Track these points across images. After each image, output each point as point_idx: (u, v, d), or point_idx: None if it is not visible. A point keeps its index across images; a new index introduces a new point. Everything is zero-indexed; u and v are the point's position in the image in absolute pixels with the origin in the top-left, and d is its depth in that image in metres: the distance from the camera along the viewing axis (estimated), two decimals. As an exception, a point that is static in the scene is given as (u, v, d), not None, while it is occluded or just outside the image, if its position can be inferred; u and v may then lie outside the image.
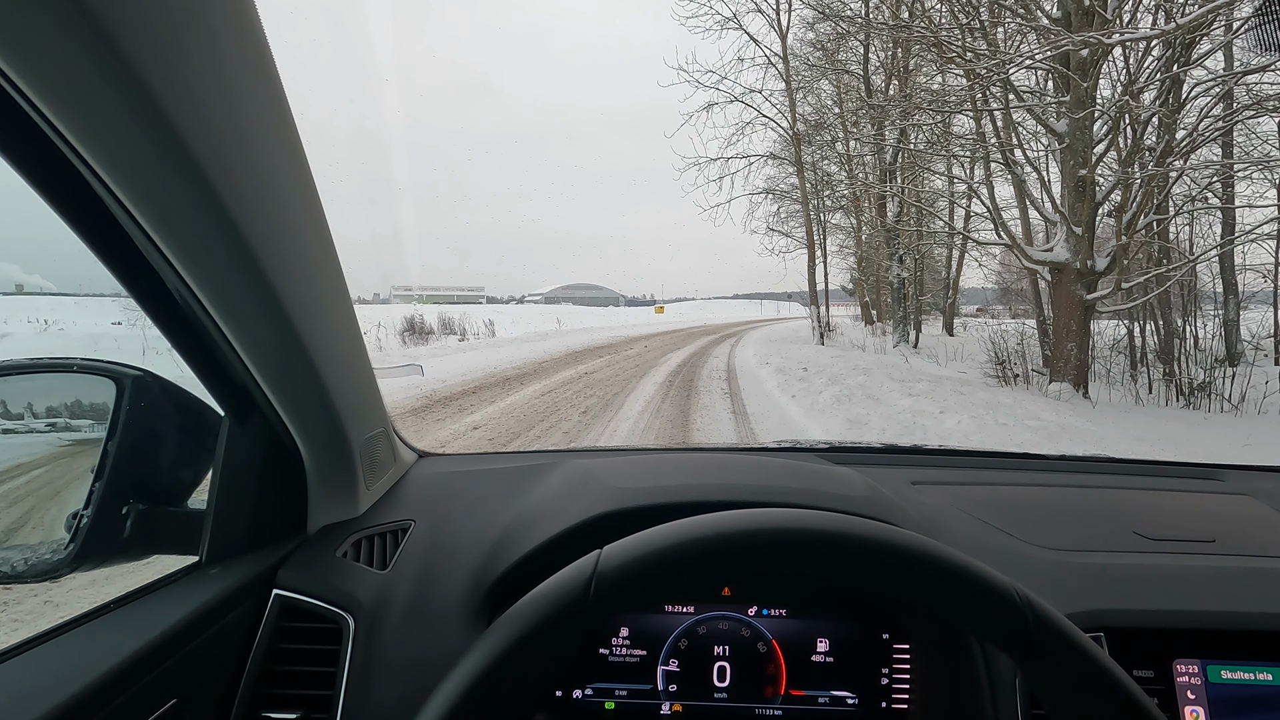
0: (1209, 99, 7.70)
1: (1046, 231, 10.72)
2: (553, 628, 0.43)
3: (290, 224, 0.65)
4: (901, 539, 0.47)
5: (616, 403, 7.70)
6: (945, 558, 0.46)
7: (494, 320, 22.70)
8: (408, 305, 29.10)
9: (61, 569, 0.67)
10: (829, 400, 7.38)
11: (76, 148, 0.48)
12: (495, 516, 0.92)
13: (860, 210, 19.79)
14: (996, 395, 7.49)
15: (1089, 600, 0.77)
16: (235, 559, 0.76)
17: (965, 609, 0.46)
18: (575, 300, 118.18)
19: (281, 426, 0.78)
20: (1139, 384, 8.90)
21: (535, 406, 7.40)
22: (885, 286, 20.14)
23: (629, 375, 10.52)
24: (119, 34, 0.43)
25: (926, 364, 11.67)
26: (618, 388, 8.99)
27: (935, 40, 8.46)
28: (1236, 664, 0.74)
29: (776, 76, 18.37)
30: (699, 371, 11.15)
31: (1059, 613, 0.46)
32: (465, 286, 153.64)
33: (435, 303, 55.75)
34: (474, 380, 9.66)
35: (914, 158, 12.67)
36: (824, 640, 0.84)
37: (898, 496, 0.96)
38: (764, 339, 19.74)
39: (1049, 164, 9.87)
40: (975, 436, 5.70)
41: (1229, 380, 7.86)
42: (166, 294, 0.62)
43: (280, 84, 0.60)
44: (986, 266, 20.65)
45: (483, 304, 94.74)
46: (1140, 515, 0.98)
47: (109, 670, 0.55)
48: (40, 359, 0.73)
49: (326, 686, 0.71)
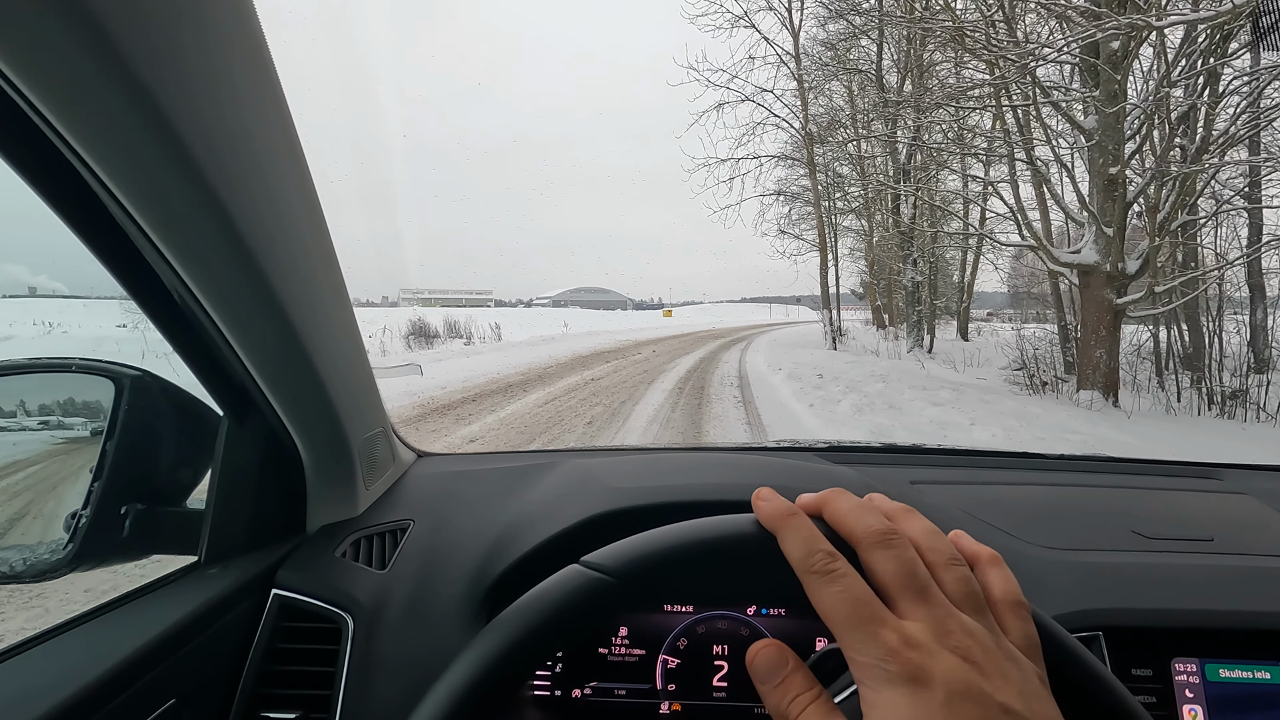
0: (1239, 96, 7.31)
1: (1069, 232, 10.30)
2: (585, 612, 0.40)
3: (289, 224, 0.64)
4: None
5: (624, 412, 7.35)
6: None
7: (501, 324, 22.42)
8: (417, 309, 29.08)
9: (60, 569, 0.67)
10: (848, 410, 7.04)
11: (75, 148, 0.47)
12: (494, 516, 0.92)
13: (873, 212, 19.37)
14: (1025, 405, 7.13)
15: (1087, 599, 0.77)
16: (234, 559, 0.76)
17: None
18: (583, 304, 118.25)
19: (280, 426, 0.78)
20: (1167, 391, 8.48)
21: (538, 417, 7.06)
22: (898, 290, 19.69)
23: (636, 382, 10.16)
24: (118, 34, 0.42)
25: (944, 370, 11.29)
26: (625, 395, 8.62)
27: (956, 32, 8.09)
28: (1234, 663, 0.74)
29: (788, 75, 18.04)
30: (709, 378, 10.74)
31: None
32: (474, 290, 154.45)
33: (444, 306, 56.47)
34: (475, 387, 9.33)
35: (931, 155, 12.24)
36: (822, 639, 0.83)
37: (896, 496, 0.95)
38: (774, 343, 19.40)
39: (1073, 162, 9.48)
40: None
41: (1263, 389, 7.44)
42: (165, 294, 0.62)
43: (279, 84, 0.59)
44: (1002, 270, 20.26)
45: (490, 307, 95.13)
46: (1139, 514, 0.97)
47: (108, 670, 0.55)
48: (39, 359, 0.72)
49: (325, 686, 0.71)
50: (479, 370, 11.27)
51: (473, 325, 21.04)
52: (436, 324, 19.87)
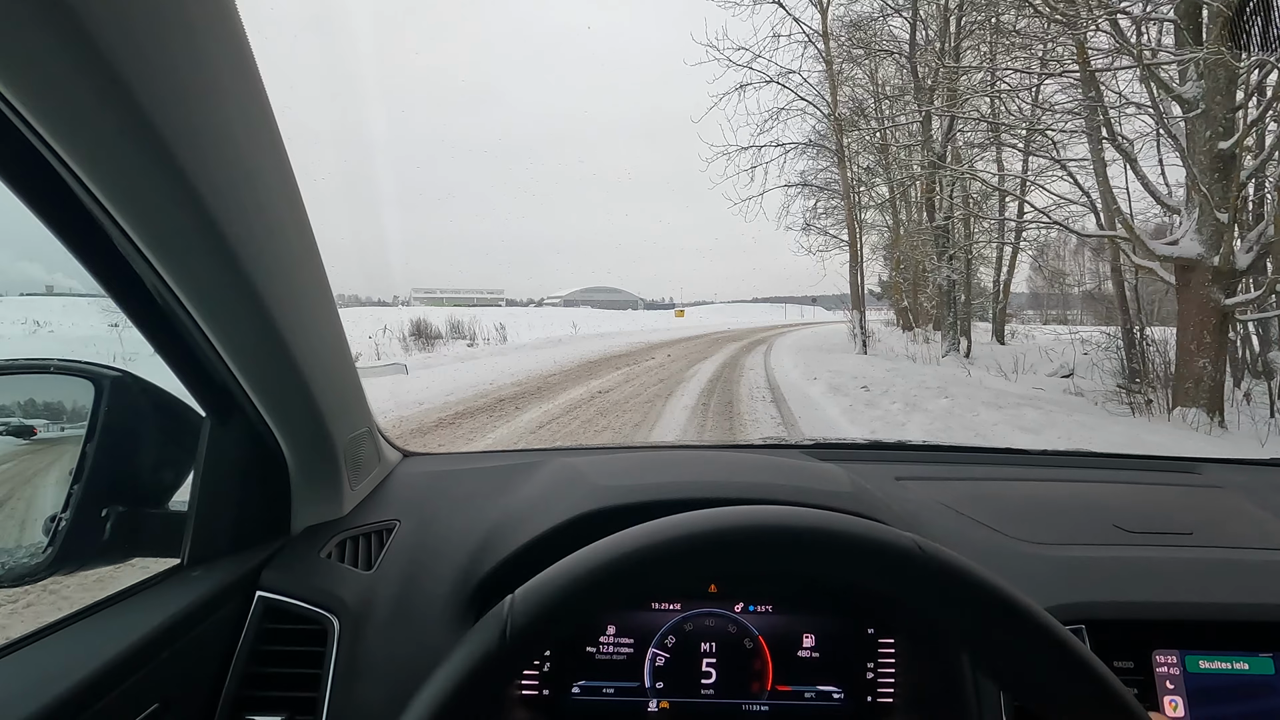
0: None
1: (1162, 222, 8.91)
2: (472, 689, 0.41)
3: (271, 222, 0.64)
4: (790, 518, 0.46)
5: (639, 439, 6.02)
6: (837, 526, 0.45)
7: (507, 324, 21.23)
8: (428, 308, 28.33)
9: (40, 572, 0.66)
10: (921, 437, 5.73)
11: (52, 144, 0.47)
12: (481, 516, 0.91)
13: (901, 204, 17.93)
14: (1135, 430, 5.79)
15: (1070, 593, 0.78)
16: (218, 560, 0.76)
17: (868, 571, 0.45)
18: (595, 303, 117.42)
19: (264, 427, 0.77)
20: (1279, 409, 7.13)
21: (528, 446, 5.67)
22: (926, 289, 18.23)
23: (652, 395, 8.58)
24: (96, 30, 0.42)
25: (995, 379, 9.83)
26: (639, 415, 7.09)
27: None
28: (1214, 654, 0.75)
29: (815, 57, 16.40)
30: (736, 390, 9.19)
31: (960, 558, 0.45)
32: (486, 289, 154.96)
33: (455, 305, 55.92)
34: (459, 402, 7.79)
35: (991, 132, 10.62)
36: (810, 635, 0.83)
37: (881, 492, 0.96)
38: (796, 347, 17.44)
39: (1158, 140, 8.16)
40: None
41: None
42: (145, 293, 0.62)
43: (260, 82, 0.59)
44: (1047, 266, 18.54)
45: (502, 306, 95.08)
46: (1120, 509, 0.99)
47: (90, 674, 0.55)
48: (16, 360, 0.72)
49: (311, 688, 0.71)
50: (469, 381, 9.76)
51: (477, 325, 19.51)
52: (439, 324, 18.88)
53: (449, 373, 10.83)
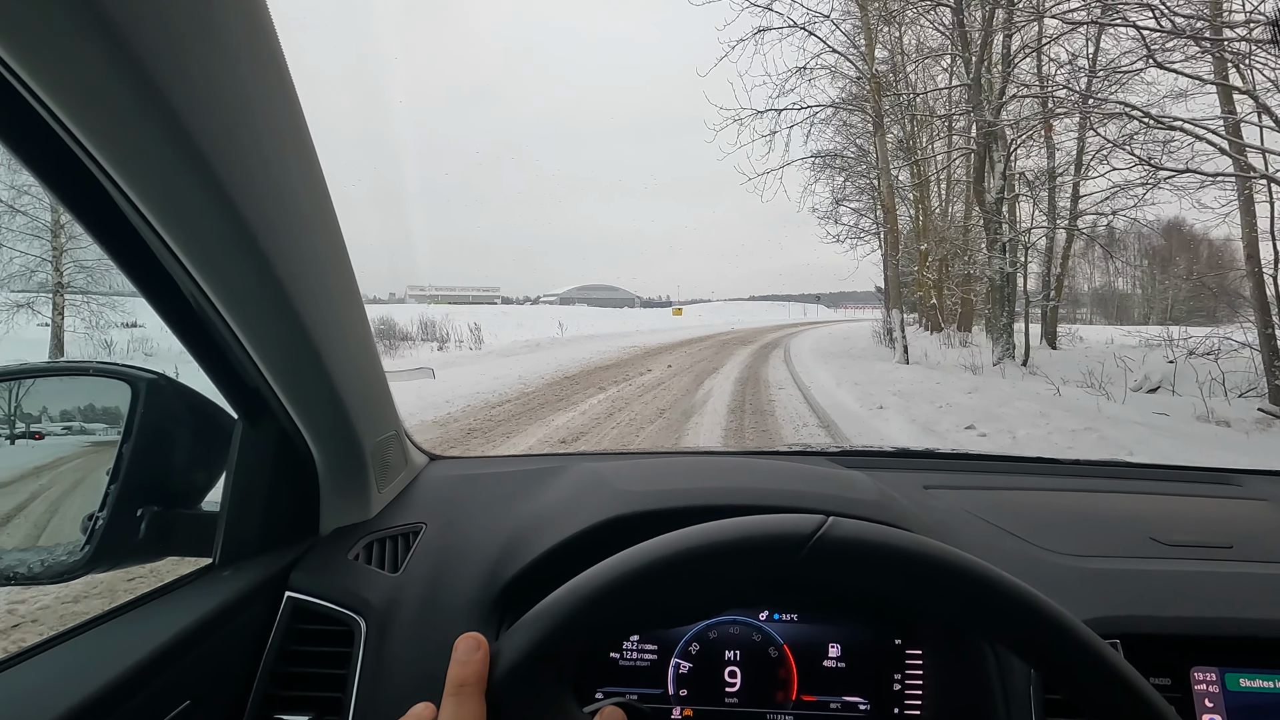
0: None
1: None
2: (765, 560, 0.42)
3: (303, 227, 0.64)
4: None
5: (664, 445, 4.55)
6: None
7: (497, 322, 19.62)
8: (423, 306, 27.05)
9: (77, 570, 0.67)
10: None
11: (90, 150, 0.48)
12: (506, 520, 0.91)
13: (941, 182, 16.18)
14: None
15: (1105, 607, 0.76)
16: (248, 561, 0.77)
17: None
18: (590, 301, 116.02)
19: (294, 429, 0.78)
20: None
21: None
22: (951, 284, 16.70)
23: (649, 442, 5.76)
24: (134, 37, 0.43)
25: (1076, 392, 8.04)
26: None
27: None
28: (1255, 672, 0.73)
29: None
30: (772, 420, 6.69)
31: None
32: (481, 287, 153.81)
33: (450, 303, 54.88)
34: None
35: (1110, 75, 8.55)
36: (836, 645, 0.82)
37: (909, 501, 0.94)
38: (819, 352, 15.20)
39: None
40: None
41: None
42: (180, 297, 0.63)
43: (293, 88, 0.59)
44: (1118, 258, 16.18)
45: (497, 304, 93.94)
46: (1157, 521, 0.96)
47: (123, 671, 0.56)
48: (57, 362, 0.79)
49: (338, 689, 0.71)
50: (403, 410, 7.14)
51: (449, 326, 17.55)
52: (406, 324, 16.61)
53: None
